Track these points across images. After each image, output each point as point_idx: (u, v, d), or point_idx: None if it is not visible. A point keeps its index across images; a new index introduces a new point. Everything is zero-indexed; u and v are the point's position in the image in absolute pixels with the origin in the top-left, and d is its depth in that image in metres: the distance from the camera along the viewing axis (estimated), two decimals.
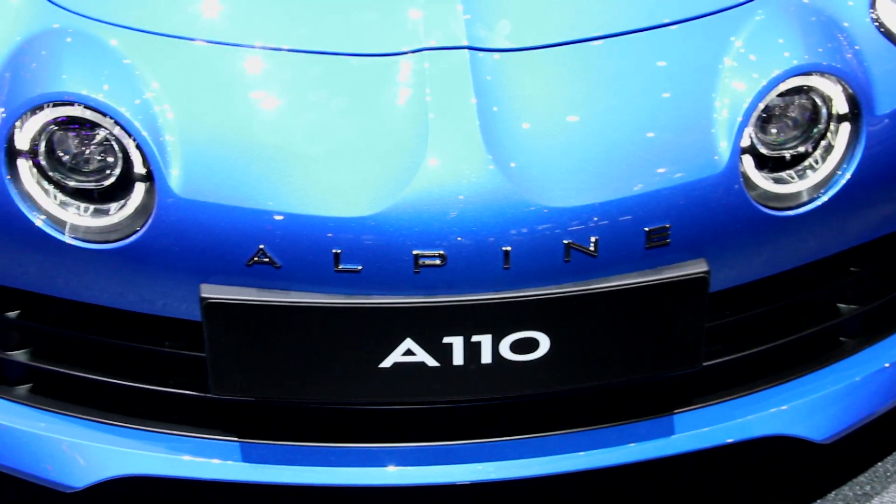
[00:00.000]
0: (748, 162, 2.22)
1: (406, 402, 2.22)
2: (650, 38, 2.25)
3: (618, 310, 2.16)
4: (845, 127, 2.26)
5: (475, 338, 2.14)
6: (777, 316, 2.36)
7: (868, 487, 2.56)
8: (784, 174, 2.26)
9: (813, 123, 2.27)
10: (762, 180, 2.23)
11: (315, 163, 2.12)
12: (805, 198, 2.25)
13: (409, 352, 2.14)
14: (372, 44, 2.20)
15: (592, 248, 2.14)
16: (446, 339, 2.14)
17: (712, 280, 2.18)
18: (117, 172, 2.16)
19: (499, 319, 2.14)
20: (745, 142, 2.22)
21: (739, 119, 2.20)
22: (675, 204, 2.16)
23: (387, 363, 2.14)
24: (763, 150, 2.24)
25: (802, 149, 2.27)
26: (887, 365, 2.42)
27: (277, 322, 2.12)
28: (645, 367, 2.22)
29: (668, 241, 2.17)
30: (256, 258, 2.12)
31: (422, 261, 2.11)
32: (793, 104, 2.26)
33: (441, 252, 2.11)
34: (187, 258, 2.13)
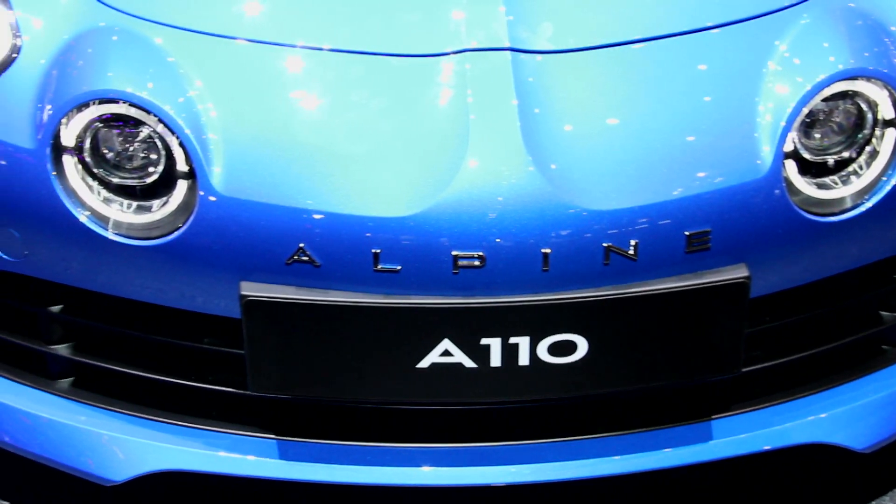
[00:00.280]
0: (791, 167, 2.20)
1: (442, 403, 2.22)
2: (692, 42, 2.23)
3: (657, 314, 2.15)
4: (891, 132, 2.24)
5: (513, 339, 2.14)
6: (818, 322, 2.34)
7: None
8: (827, 179, 2.24)
9: (858, 129, 2.25)
10: (805, 186, 2.22)
11: (355, 162, 2.13)
12: (848, 204, 2.23)
13: (447, 352, 2.14)
14: (414, 44, 2.20)
15: (632, 252, 2.13)
16: (484, 341, 2.14)
17: (753, 285, 2.16)
18: (160, 170, 2.18)
19: (537, 322, 2.13)
20: (789, 147, 2.20)
21: (783, 123, 2.18)
22: (717, 208, 2.15)
23: (424, 363, 2.15)
24: (806, 156, 2.23)
25: (847, 154, 2.25)
26: None
27: (316, 320, 2.13)
28: (683, 372, 2.21)
29: (709, 246, 2.16)
30: (296, 257, 2.13)
31: (461, 262, 2.11)
32: (837, 109, 2.24)
33: (480, 253, 2.11)
34: (228, 256, 2.14)
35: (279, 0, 2.29)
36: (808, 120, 2.22)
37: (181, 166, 2.16)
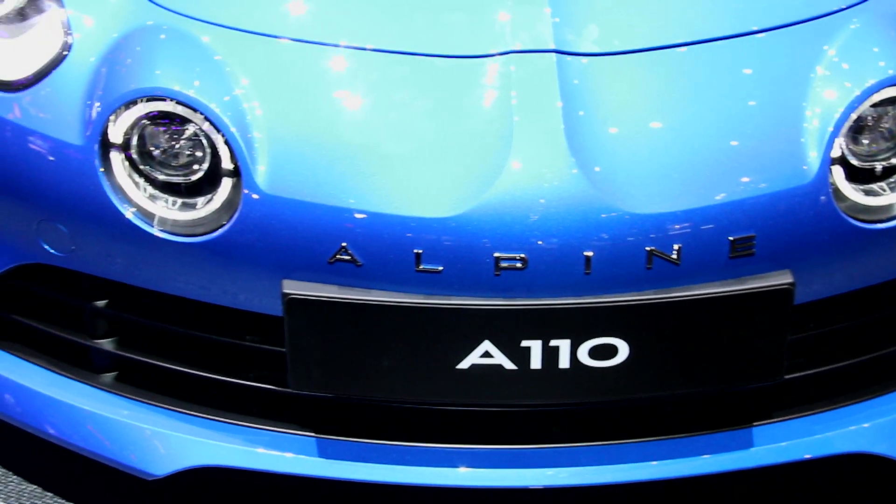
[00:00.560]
0: (838, 173, 2.18)
1: (481, 404, 2.22)
2: (738, 45, 2.22)
3: (699, 319, 2.14)
4: None
5: (553, 342, 2.13)
6: (862, 331, 2.32)
7: None
8: (875, 186, 2.22)
9: None
10: (852, 192, 2.19)
11: (398, 163, 2.13)
12: None
13: (487, 354, 2.14)
14: (458, 45, 2.20)
15: (675, 256, 2.12)
16: (524, 343, 2.13)
17: (797, 292, 2.14)
18: (205, 167, 2.20)
19: (578, 325, 2.13)
20: (836, 152, 2.18)
21: (830, 129, 2.16)
22: (761, 213, 2.13)
23: (464, 364, 2.15)
24: (854, 162, 2.20)
25: (895, 160, 2.22)
26: None
27: (357, 320, 2.14)
28: (725, 378, 2.20)
29: (753, 252, 2.14)
30: (338, 256, 2.13)
31: (503, 263, 2.11)
32: (886, 115, 2.21)
33: (522, 255, 2.10)
34: (271, 253, 2.15)
35: (325, 0, 2.30)
36: (857, 125, 2.20)
37: (226, 164, 2.18)
